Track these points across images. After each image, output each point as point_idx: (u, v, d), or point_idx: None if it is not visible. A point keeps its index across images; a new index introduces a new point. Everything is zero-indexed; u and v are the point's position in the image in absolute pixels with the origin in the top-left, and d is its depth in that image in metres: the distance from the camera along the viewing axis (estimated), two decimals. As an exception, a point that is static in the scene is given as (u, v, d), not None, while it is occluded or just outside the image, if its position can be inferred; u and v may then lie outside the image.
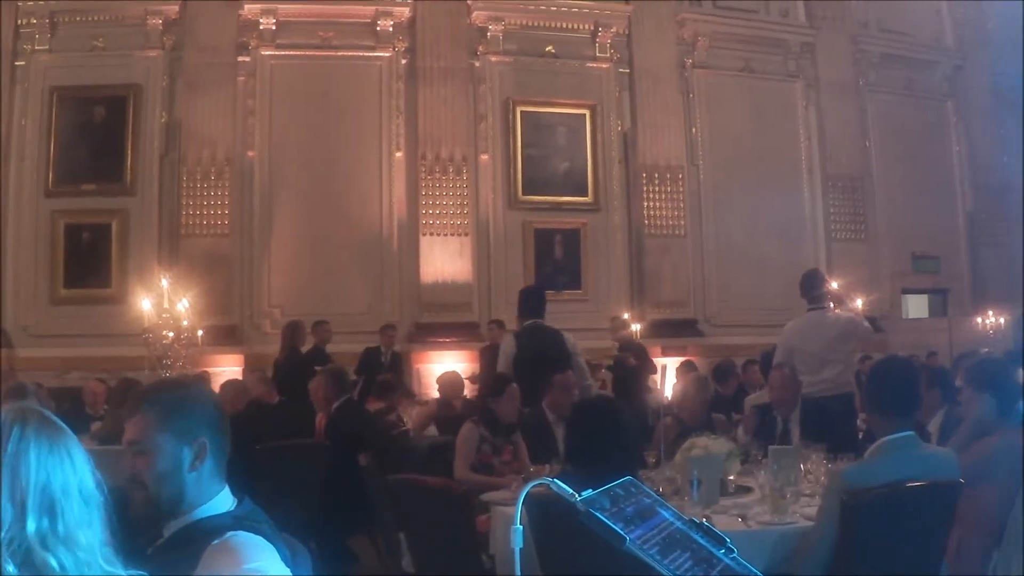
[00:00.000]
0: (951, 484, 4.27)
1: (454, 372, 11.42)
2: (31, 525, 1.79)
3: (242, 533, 2.45)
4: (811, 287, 8.71)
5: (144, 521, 2.60)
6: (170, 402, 2.61)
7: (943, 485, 4.26)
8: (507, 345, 8.72)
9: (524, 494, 2.11)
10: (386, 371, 13.16)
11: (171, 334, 12.17)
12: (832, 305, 8.80)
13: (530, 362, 8.14)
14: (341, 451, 7.55)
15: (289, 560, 2.51)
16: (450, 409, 10.10)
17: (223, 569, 2.31)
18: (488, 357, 11.91)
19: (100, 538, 1.86)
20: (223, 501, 2.61)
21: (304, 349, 12.93)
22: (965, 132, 19.84)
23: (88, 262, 15.05)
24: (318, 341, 13.13)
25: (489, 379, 7.97)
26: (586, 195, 17.00)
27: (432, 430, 9.98)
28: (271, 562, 2.40)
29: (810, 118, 18.55)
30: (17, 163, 15.03)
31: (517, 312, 9.05)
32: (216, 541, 2.40)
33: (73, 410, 9.86)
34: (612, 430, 4.45)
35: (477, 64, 16.78)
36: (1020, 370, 5.96)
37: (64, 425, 1.93)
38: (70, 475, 1.85)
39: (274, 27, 16.01)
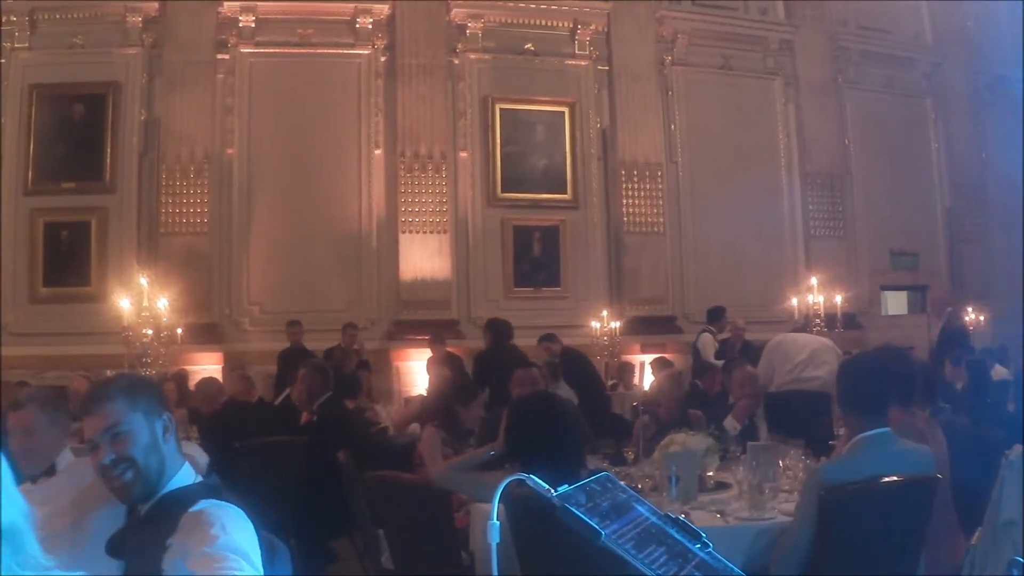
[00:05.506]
0: (928, 480, 4.29)
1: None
2: None
3: (221, 503, 2.60)
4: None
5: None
6: (132, 387, 2.78)
7: (920, 481, 4.27)
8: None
9: (500, 489, 2.12)
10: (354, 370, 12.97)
11: (150, 332, 12.16)
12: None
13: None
14: (323, 449, 7.51)
15: (267, 555, 2.57)
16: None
17: (203, 535, 2.43)
18: (449, 367, 11.78)
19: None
20: (188, 474, 2.77)
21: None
22: (944, 129, 19.95)
23: (67, 260, 14.98)
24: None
25: (458, 388, 8.12)
26: (565, 192, 17.00)
27: (415, 428, 9.89)
28: (247, 534, 2.53)
29: (789, 115, 18.63)
30: (-4, 161, 14.95)
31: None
32: (193, 508, 2.55)
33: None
34: (550, 426, 4.42)
35: (456, 61, 16.76)
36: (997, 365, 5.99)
37: None
38: None
39: (253, 24, 15.97)
